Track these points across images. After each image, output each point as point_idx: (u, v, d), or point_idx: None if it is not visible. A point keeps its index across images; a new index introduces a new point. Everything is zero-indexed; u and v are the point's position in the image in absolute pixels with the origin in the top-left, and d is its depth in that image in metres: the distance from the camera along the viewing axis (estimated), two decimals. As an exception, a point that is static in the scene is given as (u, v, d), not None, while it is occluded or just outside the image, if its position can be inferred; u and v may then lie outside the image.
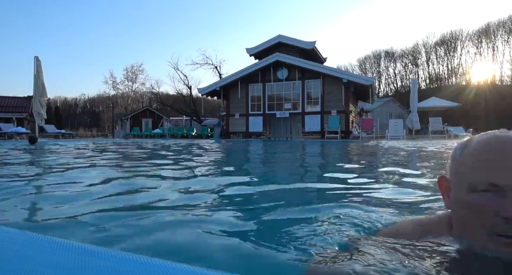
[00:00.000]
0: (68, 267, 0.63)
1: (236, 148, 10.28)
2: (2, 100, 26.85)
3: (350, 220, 1.29)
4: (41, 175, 3.29)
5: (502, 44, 45.49)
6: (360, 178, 2.97)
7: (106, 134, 36.98)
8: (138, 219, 1.46)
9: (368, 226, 1.20)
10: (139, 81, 51.98)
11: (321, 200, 2.06)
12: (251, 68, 20.03)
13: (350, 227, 1.21)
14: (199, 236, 1.22)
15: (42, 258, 0.67)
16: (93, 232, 1.28)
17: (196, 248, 1.12)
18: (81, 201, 1.84)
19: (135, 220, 1.45)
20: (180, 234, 1.26)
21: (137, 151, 7.42)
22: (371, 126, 17.68)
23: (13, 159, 5.13)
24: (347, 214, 1.38)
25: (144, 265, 0.63)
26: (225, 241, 1.18)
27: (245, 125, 20.62)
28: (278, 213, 1.54)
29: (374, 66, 57.60)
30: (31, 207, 1.80)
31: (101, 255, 0.68)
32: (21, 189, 2.34)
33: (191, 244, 1.16)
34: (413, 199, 1.93)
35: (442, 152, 6.88)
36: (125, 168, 4.04)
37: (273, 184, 2.65)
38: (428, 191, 2.12)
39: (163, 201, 1.84)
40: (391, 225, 1.16)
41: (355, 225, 1.23)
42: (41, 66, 14.58)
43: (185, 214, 1.55)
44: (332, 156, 7.31)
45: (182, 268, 0.61)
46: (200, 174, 3.32)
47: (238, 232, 1.27)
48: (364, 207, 1.53)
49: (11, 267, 0.62)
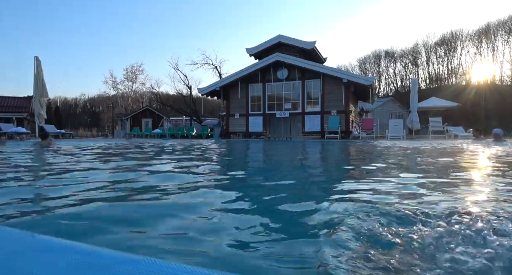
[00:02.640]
0: (68, 267, 0.63)
1: (236, 147, 10.29)
2: (2, 100, 26.85)
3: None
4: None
5: (502, 44, 45.49)
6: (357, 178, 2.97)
7: (106, 135, 36.99)
8: (140, 218, 1.46)
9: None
10: (139, 81, 52.10)
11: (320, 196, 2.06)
12: (251, 68, 20.03)
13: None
14: (199, 235, 1.22)
15: (42, 258, 0.68)
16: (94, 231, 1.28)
17: (196, 247, 1.12)
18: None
19: (137, 219, 1.45)
20: (179, 233, 1.26)
21: (149, 151, 7.42)
22: (371, 126, 17.69)
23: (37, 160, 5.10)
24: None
25: (144, 265, 0.63)
26: (225, 241, 1.18)
27: (245, 125, 20.62)
28: (276, 211, 1.54)
29: (374, 66, 57.62)
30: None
31: (101, 255, 0.68)
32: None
33: (191, 243, 1.16)
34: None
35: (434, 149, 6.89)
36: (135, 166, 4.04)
37: (271, 182, 2.65)
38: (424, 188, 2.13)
39: (164, 200, 1.85)
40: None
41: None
42: (41, 66, 14.60)
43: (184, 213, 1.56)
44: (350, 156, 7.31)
45: (182, 268, 0.61)
46: (199, 173, 3.33)
47: (239, 231, 1.28)
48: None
49: (11, 267, 0.62)
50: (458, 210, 1.44)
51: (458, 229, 1.15)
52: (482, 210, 1.46)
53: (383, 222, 1.29)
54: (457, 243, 1.03)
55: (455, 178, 2.90)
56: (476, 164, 4.48)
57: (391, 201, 1.72)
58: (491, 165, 4.14)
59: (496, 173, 3.26)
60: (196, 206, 1.74)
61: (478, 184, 2.55)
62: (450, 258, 0.91)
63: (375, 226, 1.24)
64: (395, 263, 0.91)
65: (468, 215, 1.34)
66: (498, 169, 3.61)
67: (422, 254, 0.97)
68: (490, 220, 1.26)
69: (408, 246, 1.04)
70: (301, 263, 0.99)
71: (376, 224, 1.26)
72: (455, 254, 0.94)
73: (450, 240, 1.06)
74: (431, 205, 1.56)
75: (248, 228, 1.33)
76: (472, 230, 1.12)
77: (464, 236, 1.07)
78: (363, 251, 1.00)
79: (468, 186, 2.46)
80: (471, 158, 5.41)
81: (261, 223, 1.40)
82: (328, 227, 1.25)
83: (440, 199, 1.75)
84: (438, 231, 1.14)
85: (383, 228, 1.23)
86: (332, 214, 1.44)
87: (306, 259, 1.01)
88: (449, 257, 0.92)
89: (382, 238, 1.12)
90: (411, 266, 0.90)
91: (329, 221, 1.35)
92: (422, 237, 1.09)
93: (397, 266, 0.90)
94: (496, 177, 2.93)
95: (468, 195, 2.03)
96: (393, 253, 0.98)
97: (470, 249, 0.96)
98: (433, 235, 1.11)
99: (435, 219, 1.33)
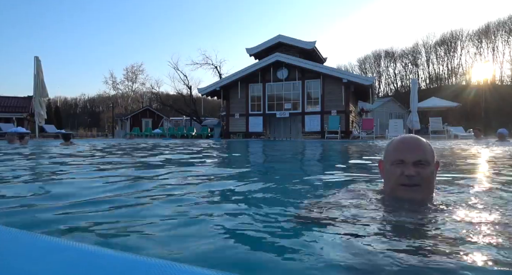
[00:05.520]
0: (68, 267, 0.63)
1: (236, 147, 10.29)
2: (2, 100, 26.85)
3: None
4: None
5: (502, 44, 45.47)
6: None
7: (106, 134, 36.98)
8: (141, 218, 1.46)
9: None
10: (139, 81, 52.13)
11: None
12: (251, 68, 20.03)
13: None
14: (199, 234, 1.22)
15: (42, 258, 0.67)
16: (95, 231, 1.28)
17: (197, 246, 1.12)
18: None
19: (138, 217, 1.45)
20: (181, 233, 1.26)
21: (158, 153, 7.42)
22: (371, 126, 17.69)
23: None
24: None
25: (145, 265, 0.63)
26: (227, 240, 1.18)
27: (245, 125, 20.63)
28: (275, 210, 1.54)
29: (374, 66, 57.58)
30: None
31: (101, 255, 0.68)
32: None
33: (191, 242, 1.16)
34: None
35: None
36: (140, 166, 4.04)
37: (271, 182, 2.65)
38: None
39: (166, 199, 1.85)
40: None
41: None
42: (41, 66, 14.59)
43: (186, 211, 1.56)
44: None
45: (182, 268, 0.61)
46: (199, 173, 3.32)
47: (238, 232, 1.28)
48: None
49: (11, 267, 0.62)
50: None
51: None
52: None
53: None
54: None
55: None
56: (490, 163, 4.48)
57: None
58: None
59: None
60: (195, 205, 1.74)
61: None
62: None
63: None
64: (402, 262, 0.91)
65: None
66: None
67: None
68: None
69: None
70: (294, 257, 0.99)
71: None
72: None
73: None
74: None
75: (246, 229, 1.33)
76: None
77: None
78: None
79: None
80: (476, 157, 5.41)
81: (259, 222, 1.40)
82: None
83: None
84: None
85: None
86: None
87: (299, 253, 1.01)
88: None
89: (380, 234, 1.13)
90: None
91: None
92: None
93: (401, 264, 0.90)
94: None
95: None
96: (399, 250, 0.98)
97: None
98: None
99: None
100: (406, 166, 1.49)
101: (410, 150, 1.52)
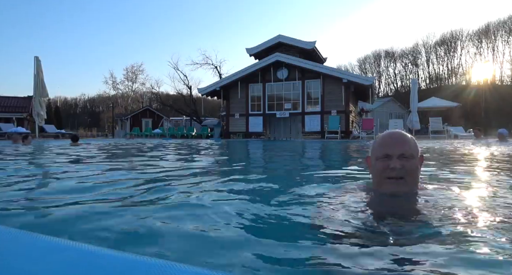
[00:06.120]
0: (68, 267, 0.63)
1: (236, 147, 10.30)
2: (2, 100, 26.85)
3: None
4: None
5: (502, 44, 45.49)
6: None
7: (106, 134, 36.96)
8: (141, 218, 1.46)
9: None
10: (139, 81, 52.09)
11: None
12: (251, 68, 20.04)
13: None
14: (199, 234, 1.22)
15: (42, 258, 0.67)
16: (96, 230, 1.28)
17: (196, 246, 1.12)
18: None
19: (139, 217, 1.45)
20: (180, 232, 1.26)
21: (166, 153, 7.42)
22: (371, 126, 17.68)
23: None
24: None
25: (145, 264, 0.63)
26: (226, 240, 1.18)
27: (245, 125, 20.63)
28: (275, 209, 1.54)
29: (374, 66, 57.60)
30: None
31: (101, 255, 0.68)
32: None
33: (190, 241, 1.16)
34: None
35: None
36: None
37: (271, 182, 2.65)
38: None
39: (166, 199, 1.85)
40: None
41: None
42: (41, 66, 14.60)
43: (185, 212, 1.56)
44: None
45: (182, 268, 0.61)
46: (199, 172, 3.33)
47: (238, 232, 1.28)
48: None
49: (11, 267, 0.62)
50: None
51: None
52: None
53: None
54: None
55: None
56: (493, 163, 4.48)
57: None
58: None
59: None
60: (195, 204, 1.74)
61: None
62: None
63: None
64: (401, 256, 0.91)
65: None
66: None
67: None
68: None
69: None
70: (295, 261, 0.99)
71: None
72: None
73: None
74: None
75: (246, 228, 1.33)
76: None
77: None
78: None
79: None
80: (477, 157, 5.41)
81: (259, 221, 1.40)
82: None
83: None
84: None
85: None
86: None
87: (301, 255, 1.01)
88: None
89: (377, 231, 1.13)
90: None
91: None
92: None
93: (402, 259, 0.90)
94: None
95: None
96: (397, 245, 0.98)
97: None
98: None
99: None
100: (392, 159, 1.53)
101: (395, 144, 1.56)
